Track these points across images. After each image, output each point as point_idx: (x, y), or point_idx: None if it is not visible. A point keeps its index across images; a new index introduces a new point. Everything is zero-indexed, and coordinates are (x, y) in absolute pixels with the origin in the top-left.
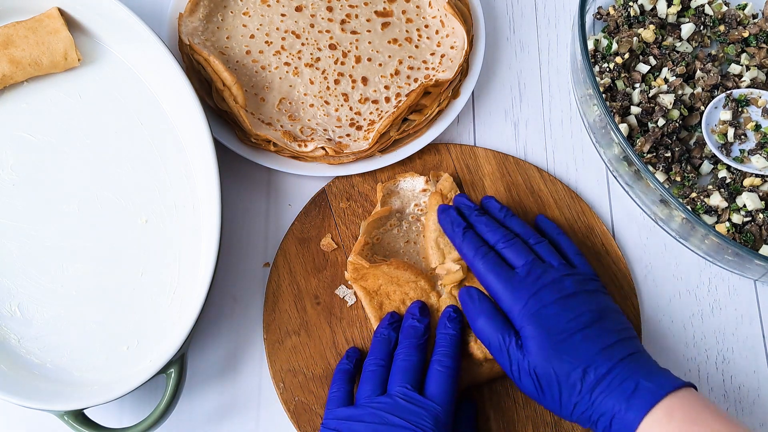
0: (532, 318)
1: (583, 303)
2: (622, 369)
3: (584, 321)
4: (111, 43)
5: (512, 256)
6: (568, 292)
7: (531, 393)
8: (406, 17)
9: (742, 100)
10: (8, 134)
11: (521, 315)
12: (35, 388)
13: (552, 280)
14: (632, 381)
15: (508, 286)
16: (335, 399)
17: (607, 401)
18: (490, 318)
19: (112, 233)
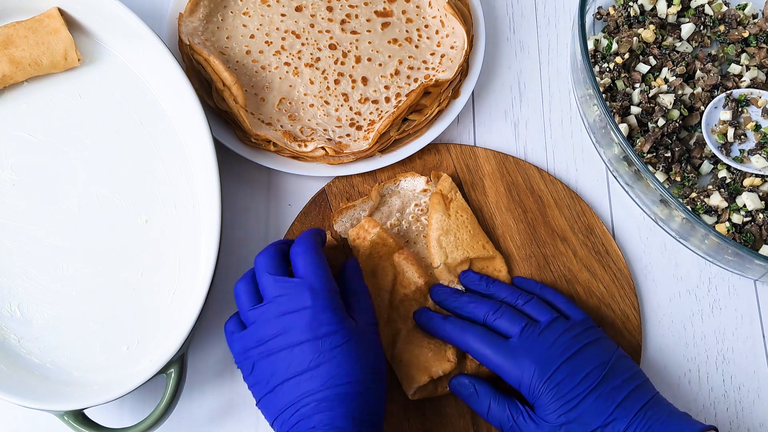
0: (544, 387)
1: (589, 358)
2: (641, 422)
3: (594, 379)
4: (111, 43)
5: (505, 325)
6: (571, 350)
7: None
8: (406, 17)
9: (742, 100)
10: (8, 134)
11: (531, 387)
12: (35, 388)
13: (552, 342)
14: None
15: (508, 358)
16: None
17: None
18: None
19: (112, 233)
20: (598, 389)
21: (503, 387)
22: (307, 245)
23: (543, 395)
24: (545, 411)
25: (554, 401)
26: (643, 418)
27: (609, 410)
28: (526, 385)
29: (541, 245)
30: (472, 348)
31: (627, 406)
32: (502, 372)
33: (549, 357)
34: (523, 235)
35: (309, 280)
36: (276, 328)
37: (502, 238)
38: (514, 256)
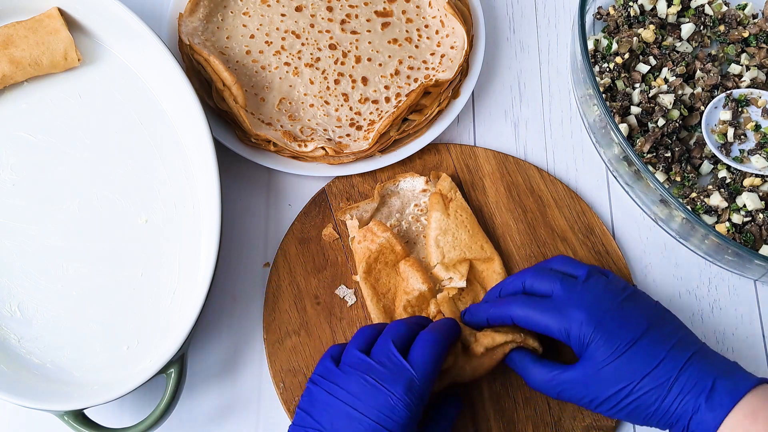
0: (594, 334)
1: (635, 306)
2: (694, 369)
3: (644, 325)
4: (111, 43)
5: (543, 285)
6: (617, 299)
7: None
8: (406, 17)
9: (742, 100)
10: (8, 134)
11: (580, 335)
12: (35, 388)
13: (596, 292)
14: (708, 379)
15: (554, 312)
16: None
17: (684, 403)
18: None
19: (112, 233)
20: (648, 334)
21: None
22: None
23: (593, 342)
24: (595, 356)
25: (604, 346)
26: (697, 364)
27: (660, 356)
28: (575, 335)
29: (541, 245)
30: (517, 315)
31: (679, 351)
32: (549, 328)
33: (596, 305)
34: (523, 235)
35: (414, 372)
36: (356, 384)
37: (502, 238)
38: (514, 256)
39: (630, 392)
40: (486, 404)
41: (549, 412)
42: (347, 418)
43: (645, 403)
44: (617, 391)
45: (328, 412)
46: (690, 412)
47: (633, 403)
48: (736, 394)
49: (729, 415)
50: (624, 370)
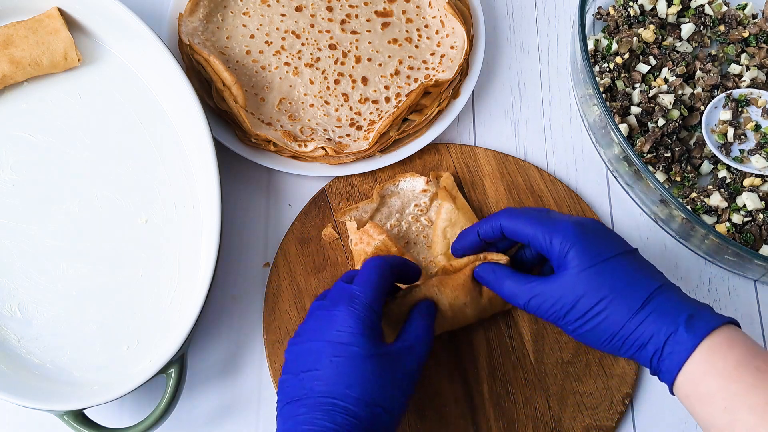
0: (576, 240)
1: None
2: (672, 291)
3: (625, 247)
4: (111, 43)
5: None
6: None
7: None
8: (406, 17)
9: (742, 100)
10: (8, 134)
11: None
12: (35, 388)
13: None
14: (687, 304)
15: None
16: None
17: (660, 321)
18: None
19: (112, 233)
20: (625, 256)
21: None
22: (375, 264)
23: (572, 249)
24: (570, 266)
25: (583, 254)
26: (677, 291)
27: (638, 273)
28: (557, 241)
29: None
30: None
31: (656, 278)
32: (535, 235)
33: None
34: None
35: (354, 289)
36: (314, 322)
37: None
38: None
39: (598, 302)
40: (486, 404)
41: (549, 412)
42: (311, 353)
43: (613, 317)
44: (586, 300)
45: (298, 359)
46: (666, 332)
47: (600, 315)
48: (715, 321)
49: (707, 338)
50: (598, 280)
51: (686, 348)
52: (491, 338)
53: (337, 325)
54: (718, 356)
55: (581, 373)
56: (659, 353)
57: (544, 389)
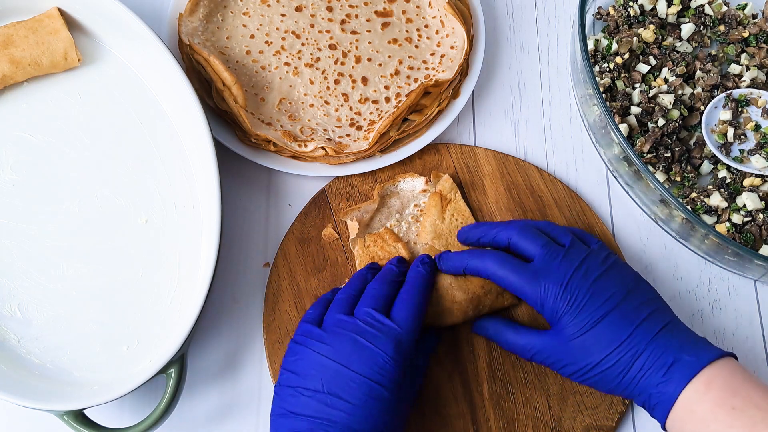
0: (566, 308)
1: (611, 281)
2: (659, 344)
3: (616, 300)
4: (111, 43)
5: (527, 245)
6: (594, 274)
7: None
8: (406, 17)
9: (742, 100)
10: (8, 134)
11: (554, 308)
12: (35, 388)
13: (575, 266)
14: (670, 355)
15: (531, 281)
16: (308, 317)
17: (645, 378)
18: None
19: (112, 233)
20: (618, 309)
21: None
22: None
23: (565, 315)
24: (565, 330)
25: (575, 321)
26: (662, 340)
27: (629, 330)
28: (549, 307)
29: None
30: (495, 274)
31: (647, 327)
32: (524, 294)
33: (572, 279)
34: None
35: (400, 332)
36: (347, 344)
37: None
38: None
39: (596, 365)
40: (486, 404)
41: (549, 412)
42: (339, 377)
43: (610, 375)
44: (584, 362)
45: (317, 371)
46: (652, 385)
47: (599, 375)
48: (696, 367)
49: (688, 386)
50: (591, 344)
51: (668, 399)
52: None
53: (380, 364)
54: (697, 403)
55: None
56: (649, 402)
57: (544, 389)
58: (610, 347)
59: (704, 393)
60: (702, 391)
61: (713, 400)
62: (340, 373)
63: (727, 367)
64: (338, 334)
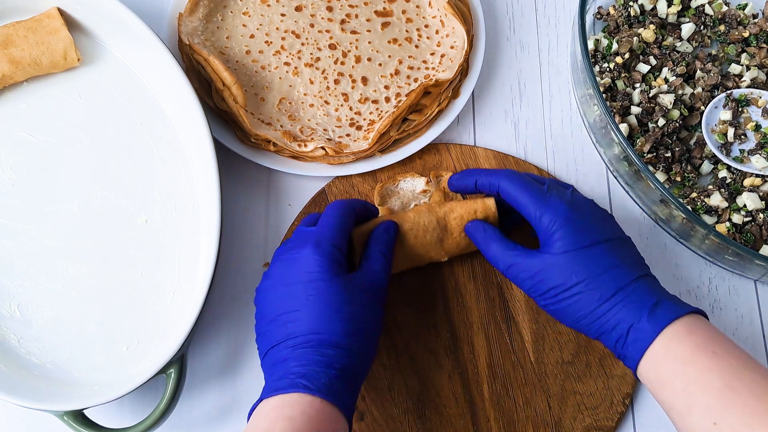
0: (563, 223)
1: (607, 222)
2: (644, 283)
3: (610, 235)
4: (111, 43)
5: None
6: (596, 212)
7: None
8: (406, 17)
9: (742, 100)
10: (8, 134)
11: (551, 221)
12: (35, 388)
13: (579, 198)
14: (654, 296)
15: (539, 196)
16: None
17: (626, 310)
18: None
19: (112, 233)
20: (608, 244)
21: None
22: (335, 206)
23: (558, 231)
24: (555, 244)
25: (568, 237)
26: (648, 282)
27: (616, 263)
28: (547, 220)
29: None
30: (505, 185)
31: (635, 267)
32: (527, 207)
33: (575, 204)
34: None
35: (317, 231)
36: (282, 267)
37: None
38: None
39: (572, 286)
40: (486, 404)
41: (549, 412)
42: (283, 296)
43: (586, 299)
44: (562, 282)
45: (268, 303)
46: (630, 321)
47: (573, 297)
48: (678, 311)
49: (668, 327)
50: (577, 263)
51: (647, 336)
52: (491, 338)
53: (307, 266)
54: (677, 343)
55: (581, 373)
56: (623, 339)
57: (544, 389)
58: (595, 271)
59: (686, 335)
60: (683, 333)
61: (695, 344)
62: (281, 292)
63: (705, 322)
64: (275, 263)
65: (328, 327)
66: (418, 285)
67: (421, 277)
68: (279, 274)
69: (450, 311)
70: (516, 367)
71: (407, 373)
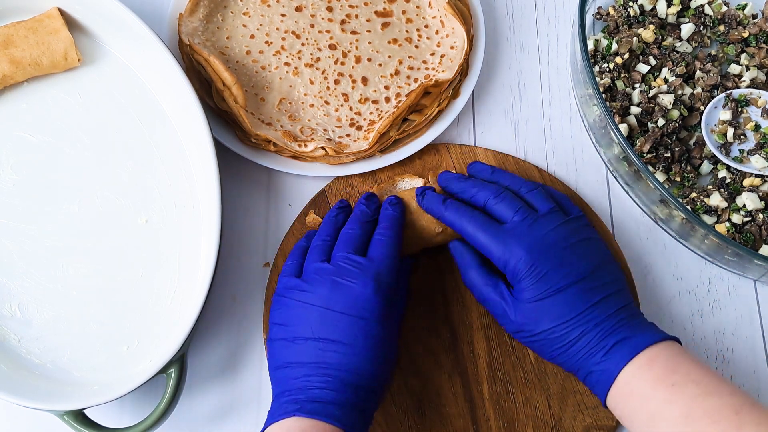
0: (528, 272)
1: (579, 254)
2: (608, 325)
3: (579, 274)
4: (111, 43)
5: (503, 210)
6: (564, 244)
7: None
8: (406, 17)
9: (741, 100)
10: (8, 134)
11: (516, 269)
12: (35, 388)
13: (546, 232)
14: (615, 336)
15: (499, 241)
16: (287, 269)
17: (587, 356)
18: (478, 270)
19: (112, 233)
20: (579, 285)
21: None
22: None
23: (525, 279)
24: (523, 293)
25: (533, 286)
26: (613, 320)
27: (584, 306)
28: (511, 268)
29: None
30: (466, 230)
31: (602, 307)
32: (490, 253)
33: (539, 245)
34: None
35: (377, 268)
36: (328, 288)
37: None
38: None
39: (540, 332)
40: (486, 404)
41: (549, 411)
42: (325, 320)
43: (554, 344)
44: (531, 328)
45: (304, 319)
46: (593, 362)
47: (542, 341)
48: (638, 347)
49: (629, 364)
50: (543, 313)
51: (608, 377)
52: (491, 338)
53: (362, 302)
54: (638, 379)
55: None
56: (590, 378)
57: (544, 389)
58: (559, 320)
59: (646, 371)
60: (644, 368)
61: (654, 378)
62: (326, 316)
63: (670, 349)
64: (318, 281)
65: (369, 371)
66: (417, 285)
67: (421, 276)
68: (324, 295)
69: (450, 311)
70: (516, 366)
71: (407, 373)
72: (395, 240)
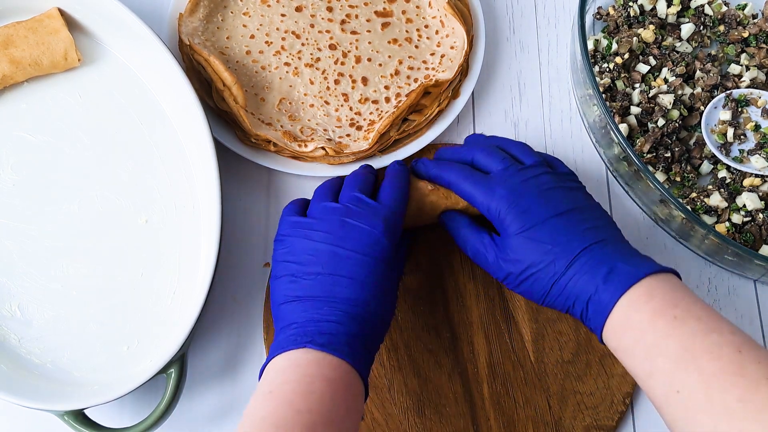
0: (510, 209)
1: (563, 196)
2: (596, 251)
3: (565, 207)
4: (111, 43)
5: (488, 162)
6: (545, 187)
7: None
8: (406, 17)
9: (741, 100)
10: (8, 134)
11: (499, 210)
12: (35, 388)
13: (530, 177)
14: (607, 264)
15: (485, 188)
16: (290, 210)
17: (580, 284)
18: (469, 228)
19: (112, 233)
20: (563, 216)
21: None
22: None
23: (507, 215)
24: (507, 230)
25: (516, 221)
26: (601, 249)
27: (570, 234)
28: (494, 209)
29: None
30: (451, 180)
31: (590, 235)
32: (474, 200)
33: (523, 188)
34: None
35: (386, 211)
36: (337, 226)
37: None
38: None
39: (529, 266)
40: (486, 404)
41: (549, 411)
42: (335, 257)
43: (542, 278)
44: (520, 264)
45: (314, 255)
46: (588, 293)
47: (531, 277)
48: (634, 276)
49: (625, 294)
50: (526, 245)
51: (604, 307)
52: (491, 338)
53: (372, 241)
54: (635, 310)
55: (581, 372)
56: (585, 312)
57: (544, 389)
58: (544, 249)
59: (644, 302)
60: (642, 300)
61: (653, 310)
62: (336, 254)
63: (669, 281)
64: (327, 220)
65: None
66: (418, 284)
67: (421, 276)
68: (334, 233)
69: (450, 311)
70: (516, 366)
71: (407, 372)
72: (403, 190)
